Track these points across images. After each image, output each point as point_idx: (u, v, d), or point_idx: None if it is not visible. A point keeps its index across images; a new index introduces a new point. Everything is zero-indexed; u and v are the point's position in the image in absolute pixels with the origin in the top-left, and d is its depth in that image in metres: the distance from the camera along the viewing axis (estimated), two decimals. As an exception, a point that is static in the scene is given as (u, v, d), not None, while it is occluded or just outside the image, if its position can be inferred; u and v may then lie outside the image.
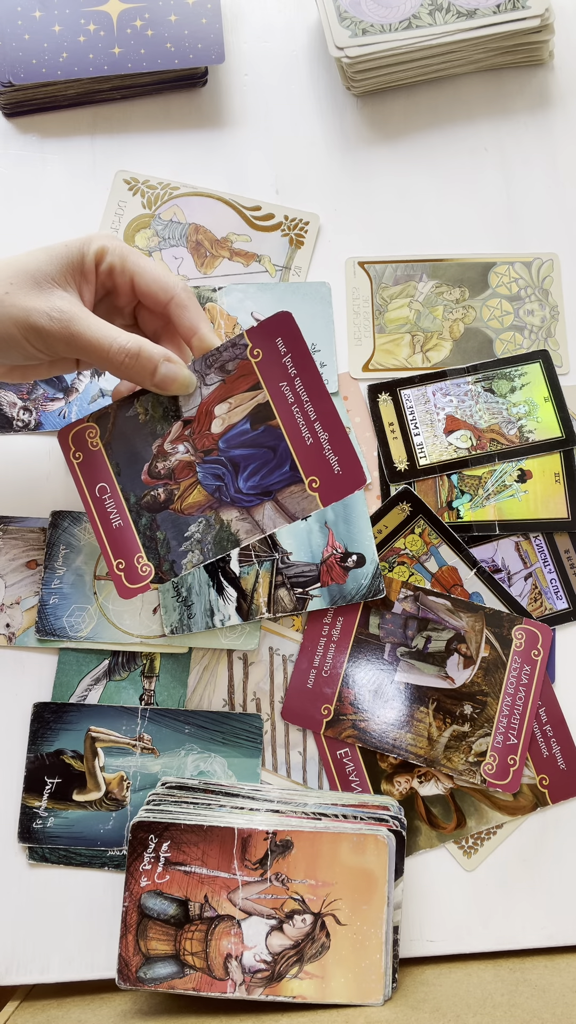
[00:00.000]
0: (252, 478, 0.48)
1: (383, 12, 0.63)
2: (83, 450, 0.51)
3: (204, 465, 0.48)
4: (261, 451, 0.48)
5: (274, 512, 0.47)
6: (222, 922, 0.49)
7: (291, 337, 0.47)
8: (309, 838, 0.50)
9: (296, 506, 0.47)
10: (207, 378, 0.48)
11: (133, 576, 0.49)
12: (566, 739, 0.57)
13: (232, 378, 0.48)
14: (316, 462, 0.47)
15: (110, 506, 0.50)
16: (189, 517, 0.49)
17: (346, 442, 0.46)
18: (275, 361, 0.47)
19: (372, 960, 0.49)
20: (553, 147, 0.66)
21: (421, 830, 0.56)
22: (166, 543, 0.49)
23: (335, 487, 0.47)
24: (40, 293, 0.45)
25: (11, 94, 0.63)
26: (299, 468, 0.47)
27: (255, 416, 0.48)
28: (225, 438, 0.48)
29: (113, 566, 0.50)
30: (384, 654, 0.58)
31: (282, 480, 0.47)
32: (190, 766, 0.56)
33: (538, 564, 0.60)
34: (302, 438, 0.47)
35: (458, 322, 0.63)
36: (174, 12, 0.63)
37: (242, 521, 0.48)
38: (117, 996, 0.54)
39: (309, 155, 0.66)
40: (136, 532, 0.49)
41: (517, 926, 0.56)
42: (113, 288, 0.49)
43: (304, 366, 0.47)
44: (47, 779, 0.55)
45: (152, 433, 0.49)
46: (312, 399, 0.47)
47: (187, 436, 0.49)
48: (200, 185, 0.64)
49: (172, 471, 0.49)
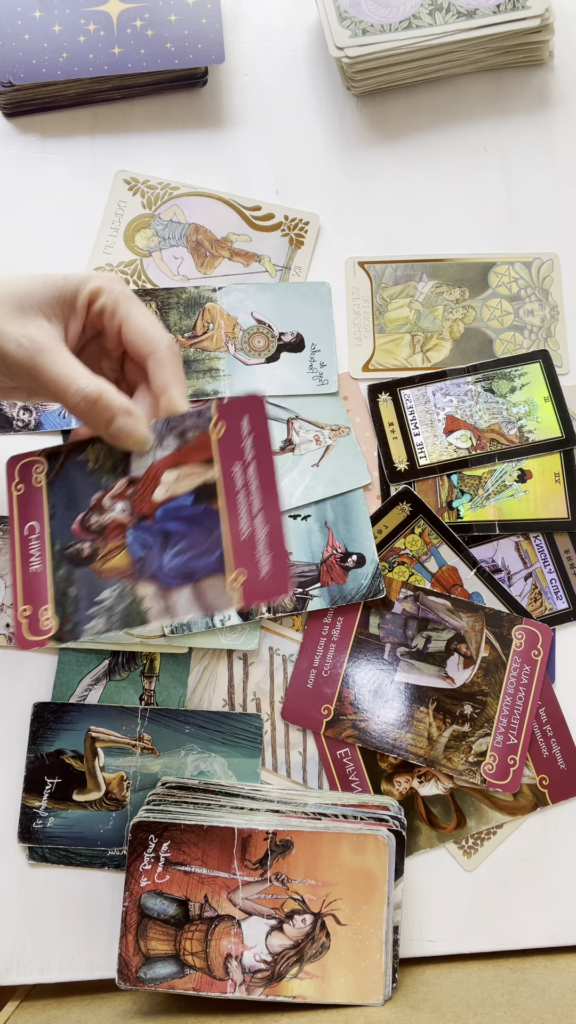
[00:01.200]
0: (179, 556, 0.45)
1: (383, 12, 0.63)
2: (26, 484, 0.49)
3: (136, 530, 0.46)
4: (195, 531, 0.45)
5: (191, 600, 0.44)
6: (222, 922, 0.49)
7: (257, 419, 0.45)
8: (309, 838, 0.50)
9: (214, 598, 0.44)
10: (164, 441, 0.46)
11: (35, 628, 0.47)
12: (566, 739, 0.57)
13: (188, 447, 0.46)
14: (246, 556, 0.44)
15: (34, 548, 0.48)
16: (106, 581, 0.46)
17: (281, 543, 0.43)
18: (235, 441, 0.45)
19: (372, 960, 0.49)
20: (553, 147, 0.66)
21: (421, 830, 0.56)
22: (76, 601, 0.46)
23: (258, 589, 0.43)
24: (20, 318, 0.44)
25: (11, 94, 0.63)
26: (228, 559, 0.44)
27: (200, 493, 0.45)
28: (164, 507, 0.46)
29: (19, 611, 0.47)
30: (384, 654, 0.58)
31: (207, 568, 0.44)
32: (190, 766, 0.56)
33: (538, 564, 0.60)
34: (239, 529, 0.44)
35: (458, 322, 0.63)
36: (174, 12, 0.63)
37: (156, 600, 0.45)
38: (117, 996, 0.54)
39: (309, 155, 0.66)
40: (51, 582, 0.47)
41: (517, 926, 0.56)
42: (102, 330, 0.48)
43: (262, 452, 0.45)
44: (47, 779, 0.55)
45: (96, 484, 0.47)
46: (261, 488, 0.44)
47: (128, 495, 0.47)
48: (200, 185, 0.64)
49: (104, 528, 0.47)
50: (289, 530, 0.56)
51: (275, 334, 0.61)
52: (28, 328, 0.44)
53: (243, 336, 0.61)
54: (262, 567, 0.43)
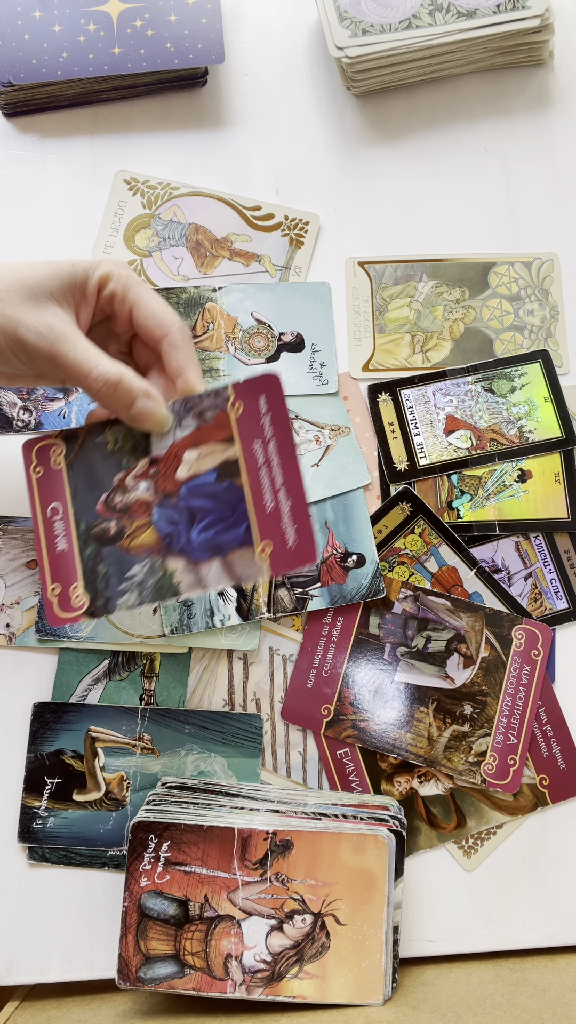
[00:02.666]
0: (206, 531, 0.46)
1: (383, 12, 0.63)
2: (45, 466, 0.50)
3: (161, 508, 0.47)
4: (220, 506, 0.46)
5: (220, 571, 0.46)
6: (222, 922, 0.49)
7: (274, 398, 0.46)
8: (309, 838, 0.50)
9: (244, 570, 0.46)
10: (183, 421, 0.47)
11: (66, 604, 0.48)
12: (566, 739, 0.57)
13: (208, 427, 0.47)
14: (272, 529, 0.45)
15: (58, 528, 0.49)
16: (135, 557, 0.47)
17: (305, 514, 0.45)
18: (254, 419, 0.46)
19: (372, 960, 0.49)
20: (553, 147, 0.66)
21: (421, 830, 0.56)
22: (106, 578, 0.47)
23: (286, 558, 0.45)
24: (34, 307, 0.45)
25: (11, 94, 0.63)
26: (254, 531, 0.46)
27: (222, 470, 0.47)
28: (188, 485, 0.47)
29: (48, 590, 0.48)
30: (384, 654, 0.58)
31: (235, 540, 0.46)
32: (190, 766, 0.56)
33: (538, 564, 0.60)
34: (263, 503, 0.46)
35: (458, 322, 0.63)
36: (174, 12, 0.63)
37: (187, 573, 0.46)
38: (117, 996, 0.54)
39: (309, 155, 0.66)
40: (79, 560, 0.48)
41: (517, 926, 0.56)
42: (112, 314, 0.48)
43: (281, 430, 0.46)
44: (47, 779, 0.55)
45: (117, 464, 0.48)
46: (282, 464, 0.46)
47: (151, 475, 0.48)
48: (200, 185, 0.64)
49: (128, 507, 0.48)
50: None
51: (275, 334, 0.61)
52: (45, 316, 0.45)
53: (243, 336, 0.61)
54: (288, 538, 0.45)
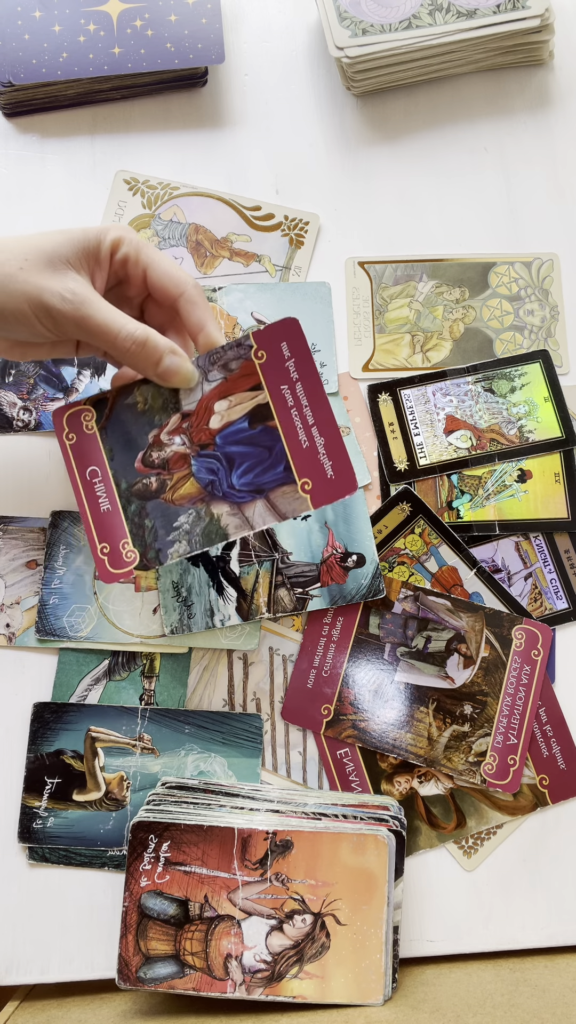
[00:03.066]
0: (246, 475, 0.48)
1: (383, 12, 0.63)
2: (77, 432, 0.51)
3: (199, 459, 0.49)
4: (257, 450, 0.48)
5: (265, 510, 0.48)
6: (222, 922, 0.49)
7: (296, 342, 0.48)
8: (309, 838, 0.50)
9: (287, 506, 0.48)
10: (209, 375, 0.49)
11: (117, 561, 0.49)
12: (566, 739, 0.57)
13: (234, 377, 0.49)
14: (310, 465, 0.47)
15: (100, 490, 0.50)
16: (180, 508, 0.49)
17: (341, 448, 0.47)
18: (278, 364, 0.48)
19: (372, 960, 0.49)
20: (553, 147, 0.66)
21: (421, 830, 0.56)
22: (154, 531, 0.49)
23: (327, 491, 0.47)
24: (54, 273, 0.46)
25: (11, 94, 0.63)
26: (293, 469, 0.48)
27: (254, 415, 0.48)
28: (223, 434, 0.49)
29: (97, 549, 0.49)
30: (384, 654, 0.58)
31: (275, 480, 0.48)
32: (190, 766, 0.56)
33: (538, 564, 0.60)
34: (298, 441, 0.48)
35: (458, 322, 0.63)
36: (174, 12, 0.63)
37: (232, 516, 0.48)
38: (117, 996, 0.54)
39: (309, 155, 0.66)
40: (124, 518, 0.49)
41: (517, 926, 0.56)
42: (125, 278, 0.50)
43: (306, 372, 0.48)
44: (47, 779, 0.55)
45: (150, 423, 0.50)
46: (311, 404, 0.48)
47: (184, 429, 0.49)
48: (200, 185, 0.64)
49: (167, 461, 0.49)
50: (291, 525, 0.57)
51: (275, 334, 0.61)
52: (66, 282, 0.46)
53: (243, 336, 0.61)
54: (327, 471, 0.47)
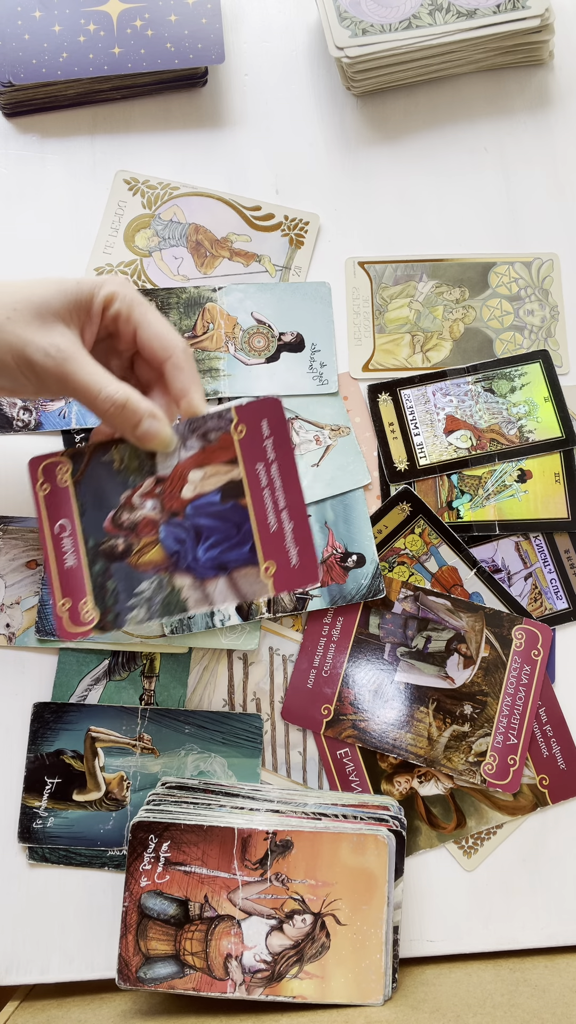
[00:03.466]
0: (212, 550, 0.48)
1: (383, 12, 0.63)
2: (51, 483, 0.51)
3: (168, 526, 0.48)
4: (225, 525, 0.48)
5: (226, 588, 0.47)
6: (222, 922, 0.49)
7: (277, 422, 0.47)
8: (309, 838, 0.50)
9: (248, 587, 0.47)
10: (188, 442, 0.49)
11: (76, 619, 0.49)
12: (566, 739, 0.57)
13: (212, 448, 0.48)
14: (276, 549, 0.47)
15: (67, 545, 0.50)
16: (143, 573, 0.48)
17: (308, 536, 0.47)
18: (256, 442, 0.47)
19: (372, 960, 0.49)
20: (553, 147, 0.66)
21: (421, 830, 0.56)
22: (115, 594, 0.48)
23: (289, 578, 0.47)
24: (41, 326, 0.45)
25: (11, 94, 0.63)
26: (259, 551, 0.47)
27: (226, 490, 0.48)
28: (194, 504, 0.48)
29: (58, 605, 0.49)
30: (384, 654, 0.58)
31: (240, 559, 0.47)
32: (190, 766, 0.56)
33: (538, 564, 0.60)
34: (267, 523, 0.47)
35: (458, 322, 0.63)
36: (174, 12, 0.63)
37: (193, 590, 0.47)
38: (117, 996, 0.54)
39: (309, 155, 0.66)
40: (88, 576, 0.49)
41: (517, 926, 0.56)
42: (116, 333, 0.49)
43: (283, 453, 0.47)
44: (47, 779, 0.55)
45: (124, 483, 0.49)
46: (284, 487, 0.47)
47: (157, 494, 0.49)
48: (200, 185, 0.64)
49: (136, 524, 0.49)
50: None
51: (275, 334, 0.61)
52: (53, 336, 0.45)
53: (243, 336, 0.61)
54: (292, 558, 0.47)
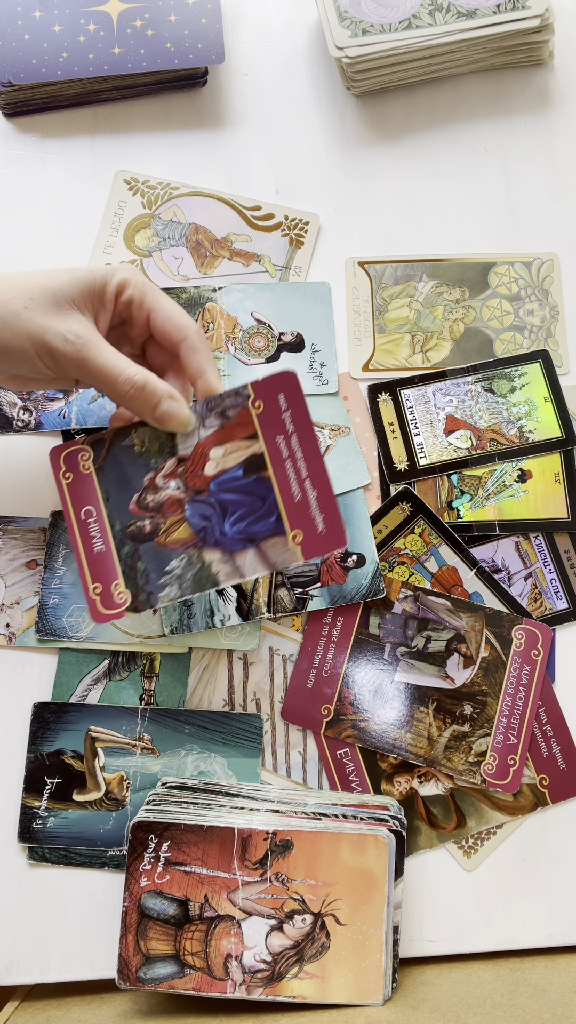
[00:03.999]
0: (238, 523, 0.49)
1: (383, 12, 0.63)
2: (74, 471, 0.51)
3: (193, 504, 0.49)
4: (250, 499, 0.48)
5: (256, 559, 0.48)
6: (222, 922, 0.49)
7: (293, 395, 0.48)
8: (309, 838, 0.50)
9: (277, 556, 0.48)
10: (206, 421, 0.50)
11: (108, 602, 0.50)
12: (566, 739, 0.57)
13: (231, 424, 0.49)
14: (302, 518, 0.48)
15: (94, 530, 0.51)
16: (172, 552, 0.49)
17: (332, 503, 0.47)
18: (275, 415, 0.48)
19: (372, 960, 0.49)
20: (553, 147, 0.66)
21: (421, 830, 0.56)
22: (145, 574, 0.49)
23: (317, 544, 0.47)
24: (58, 313, 0.46)
25: (11, 94, 0.63)
26: (285, 521, 0.48)
27: (248, 465, 0.49)
28: (217, 481, 0.49)
29: (89, 589, 0.50)
30: (384, 654, 0.58)
31: (267, 530, 0.48)
32: (190, 766, 0.56)
33: (538, 564, 0.60)
34: (291, 493, 0.48)
35: (458, 322, 0.63)
36: (174, 12, 0.63)
37: (223, 563, 0.48)
38: (117, 996, 0.54)
39: (309, 155, 0.66)
40: (117, 559, 0.50)
41: (517, 926, 0.56)
42: (129, 319, 0.50)
43: (302, 424, 0.48)
44: (47, 779, 0.55)
45: (146, 465, 0.50)
46: (305, 457, 0.48)
47: (180, 473, 0.50)
48: (200, 185, 0.64)
49: (161, 505, 0.50)
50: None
51: (275, 334, 0.61)
52: (70, 323, 0.46)
53: (243, 336, 0.61)
54: (318, 524, 0.47)
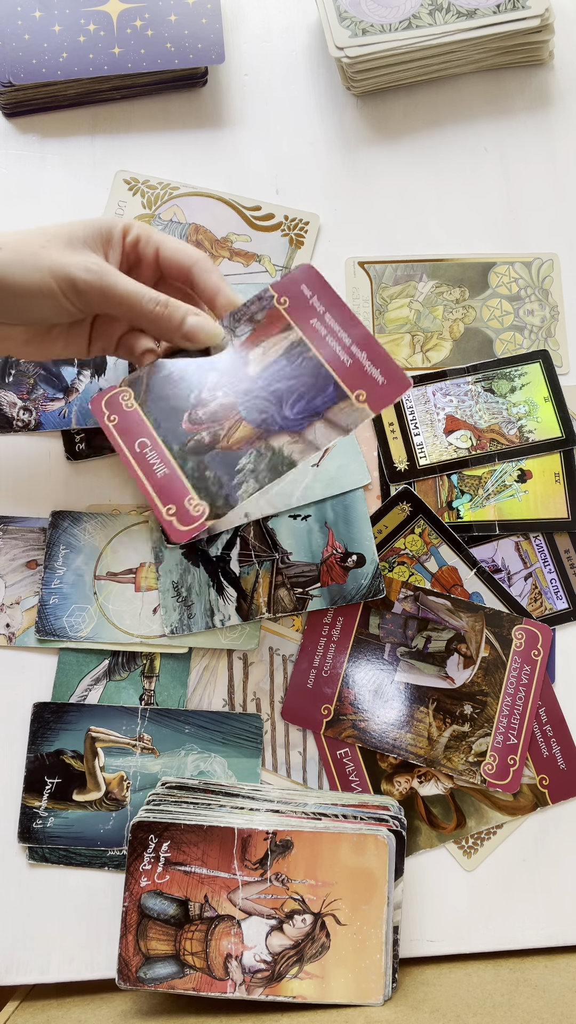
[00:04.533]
0: (298, 404, 0.50)
1: (383, 12, 0.63)
2: (118, 412, 0.52)
3: (246, 402, 0.50)
4: (302, 379, 0.50)
5: (326, 428, 0.49)
6: (222, 922, 0.49)
7: (315, 282, 0.50)
8: (309, 838, 0.50)
9: (347, 419, 0.49)
10: (237, 330, 0.52)
11: (185, 518, 0.50)
12: (566, 739, 0.57)
13: (262, 325, 0.51)
14: (359, 378, 0.49)
15: (152, 457, 0.51)
16: (238, 452, 0.50)
17: (385, 356, 0.49)
18: (303, 304, 0.50)
19: (372, 960, 0.49)
20: (553, 147, 0.66)
21: (421, 830, 0.56)
22: (217, 480, 0.50)
23: (382, 395, 0.49)
24: (74, 251, 0.49)
25: (11, 94, 0.63)
26: (343, 386, 0.49)
27: (290, 351, 0.50)
28: (264, 375, 0.51)
29: (163, 512, 0.50)
30: (384, 654, 0.58)
31: (328, 399, 0.49)
32: (190, 766, 0.56)
33: (538, 564, 0.60)
34: (341, 361, 0.50)
35: (458, 322, 0.63)
36: (174, 12, 0.63)
37: (294, 444, 0.49)
38: (117, 996, 0.54)
39: (309, 155, 0.66)
40: (184, 476, 0.51)
41: (517, 926, 0.56)
42: (136, 261, 0.53)
43: (331, 302, 0.50)
44: (47, 779, 0.55)
45: (188, 387, 0.52)
46: (344, 327, 0.50)
47: (224, 383, 0.51)
48: (200, 185, 0.64)
49: (213, 414, 0.51)
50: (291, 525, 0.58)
51: (275, 334, 0.61)
52: (87, 257, 0.50)
53: (243, 336, 0.61)
54: (377, 379, 0.49)
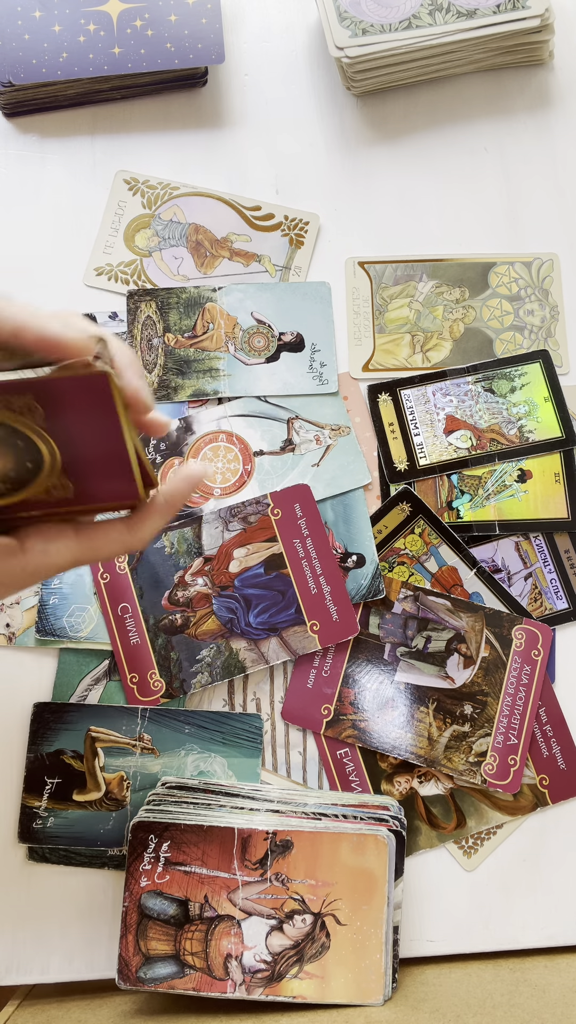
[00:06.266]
0: (262, 615, 0.55)
1: (383, 12, 0.63)
2: (111, 572, 0.57)
3: (220, 599, 0.55)
4: (272, 593, 0.55)
5: (279, 646, 0.55)
6: (222, 922, 0.49)
7: (307, 505, 0.56)
8: (309, 838, 0.50)
9: (298, 643, 0.55)
10: (230, 525, 0.56)
11: (145, 690, 0.55)
12: (566, 739, 0.57)
13: (252, 528, 0.56)
14: (318, 609, 0.56)
15: (130, 624, 0.56)
16: (202, 642, 0.55)
17: (344, 597, 0.56)
18: (291, 522, 0.57)
19: (372, 960, 0.49)
20: (553, 147, 0.66)
21: (421, 830, 0.56)
22: (179, 663, 0.55)
23: (332, 632, 0.56)
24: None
25: (11, 94, 0.63)
26: (303, 612, 0.55)
27: (269, 563, 0.56)
28: (241, 578, 0.56)
29: (127, 679, 0.55)
30: (384, 654, 0.58)
31: (288, 620, 0.55)
32: (190, 766, 0.56)
33: (538, 564, 0.60)
34: (308, 588, 0.55)
35: (458, 322, 0.63)
36: (174, 12, 0.63)
37: (249, 651, 0.55)
38: (117, 996, 0.54)
39: (309, 155, 0.66)
40: (152, 650, 0.55)
41: (517, 926, 0.56)
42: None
43: (315, 530, 0.56)
44: (47, 779, 0.55)
45: (175, 565, 0.56)
46: (319, 557, 0.56)
47: (207, 571, 0.56)
48: (200, 185, 0.64)
49: (190, 600, 0.55)
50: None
51: (275, 334, 0.61)
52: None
53: (243, 336, 0.61)
54: (332, 615, 0.56)
